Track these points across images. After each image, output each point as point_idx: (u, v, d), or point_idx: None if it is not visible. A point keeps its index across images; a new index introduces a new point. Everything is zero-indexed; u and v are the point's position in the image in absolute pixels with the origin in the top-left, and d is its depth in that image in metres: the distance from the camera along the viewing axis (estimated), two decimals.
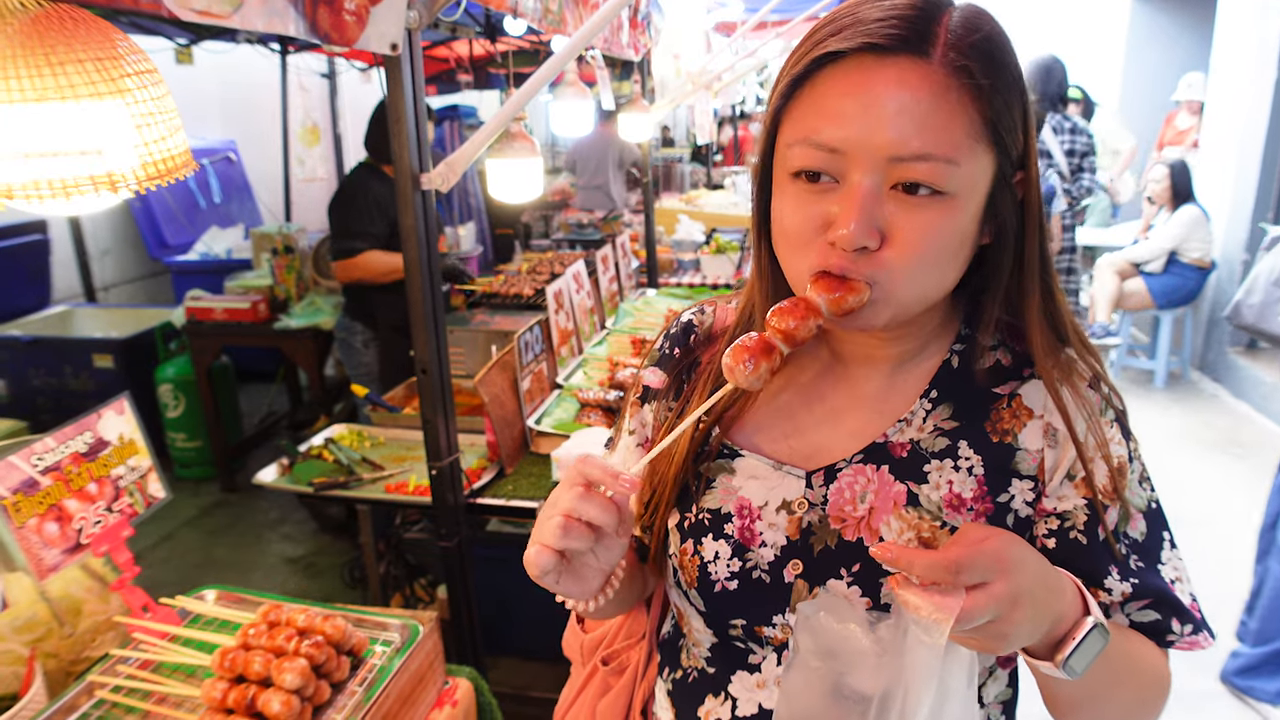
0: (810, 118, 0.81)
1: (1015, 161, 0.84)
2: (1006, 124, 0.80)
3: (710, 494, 0.98)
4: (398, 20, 1.80)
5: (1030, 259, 0.88)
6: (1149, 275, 5.92)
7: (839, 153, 0.79)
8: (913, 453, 0.91)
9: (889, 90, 0.77)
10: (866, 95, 0.78)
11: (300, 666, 1.34)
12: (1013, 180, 0.84)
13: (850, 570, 0.89)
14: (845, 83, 0.79)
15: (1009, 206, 0.85)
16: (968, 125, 0.78)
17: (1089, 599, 0.78)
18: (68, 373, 4.82)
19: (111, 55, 1.05)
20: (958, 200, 0.79)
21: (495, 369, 2.62)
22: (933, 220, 0.79)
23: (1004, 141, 0.81)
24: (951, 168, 0.78)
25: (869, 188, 0.78)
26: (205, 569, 4.05)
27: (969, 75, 0.78)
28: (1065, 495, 0.89)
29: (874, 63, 0.78)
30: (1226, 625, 3.06)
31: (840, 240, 0.79)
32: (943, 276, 0.84)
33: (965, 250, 0.84)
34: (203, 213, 6.39)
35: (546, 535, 0.80)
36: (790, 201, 0.84)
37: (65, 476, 1.49)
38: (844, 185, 0.80)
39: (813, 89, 0.81)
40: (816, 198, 0.82)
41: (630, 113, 3.97)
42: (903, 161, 0.77)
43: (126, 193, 1.06)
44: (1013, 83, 0.81)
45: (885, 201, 0.79)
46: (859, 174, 0.79)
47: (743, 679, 0.97)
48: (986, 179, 0.82)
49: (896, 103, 0.77)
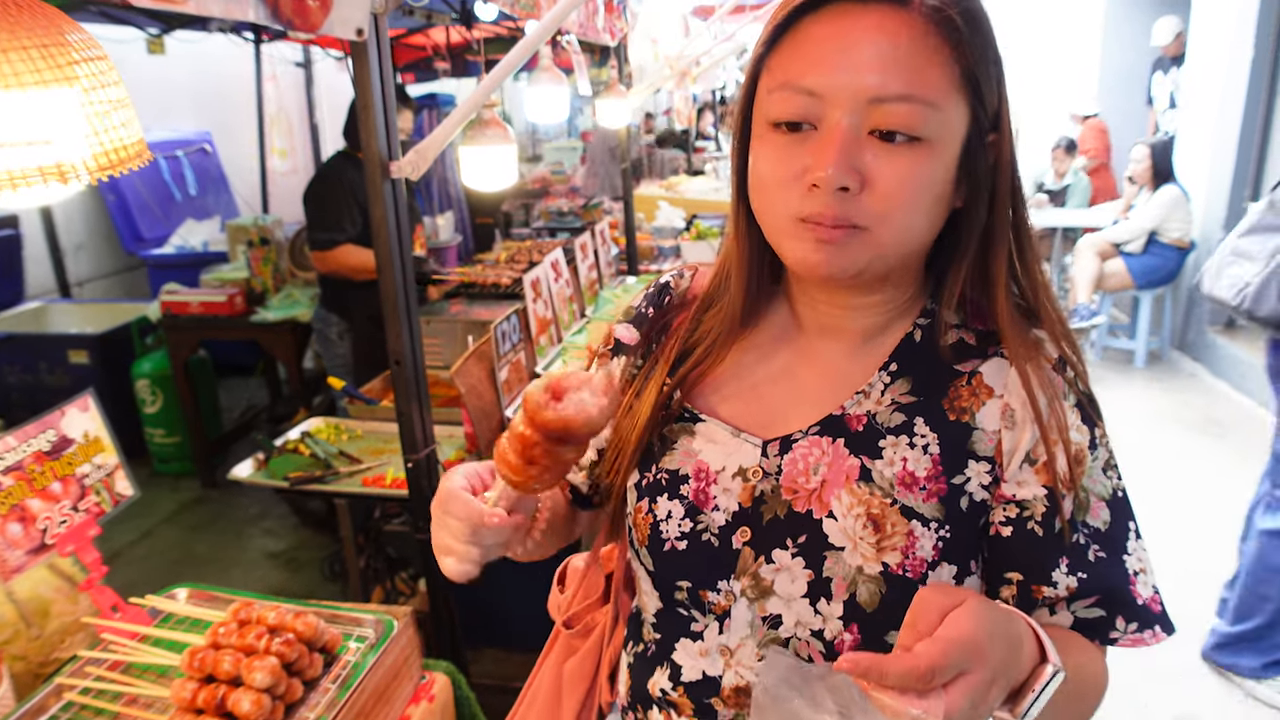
0: (791, 63, 0.82)
1: (989, 120, 0.84)
2: (984, 75, 0.82)
3: (670, 455, 0.98)
4: (363, 5, 1.76)
5: (999, 227, 0.88)
6: (1129, 255, 5.94)
7: (818, 96, 0.80)
8: (869, 426, 0.90)
9: (869, 34, 0.78)
10: (847, 39, 0.79)
11: (270, 665, 1.32)
12: (986, 140, 0.85)
13: (796, 541, 0.89)
14: (826, 28, 0.80)
15: (982, 166, 0.85)
16: (946, 71, 0.80)
17: (1045, 642, 0.75)
18: (43, 369, 4.76)
19: (58, 42, 1.02)
20: (935, 147, 0.80)
21: (472, 359, 2.59)
22: (911, 165, 0.79)
23: (980, 93, 0.82)
24: (930, 110, 0.79)
25: (848, 129, 0.79)
26: (185, 565, 4.02)
27: (948, 23, 0.79)
28: (1025, 481, 0.87)
29: (854, 9, 0.79)
30: (1207, 604, 3.08)
31: (821, 181, 0.79)
32: (920, 225, 0.84)
33: (942, 203, 0.85)
34: (178, 205, 6.32)
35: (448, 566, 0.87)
36: (769, 150, 0.85)
37: (28, 476, 1.46)
38: (822, 128, 0.81)
39: (794, 36, 0.83)
40: (795, 146, 0.82)
41: (607, 99, 3.93)
42: (883, 103, 0.78)
43: (77, 184, 1.03)
44: (988, 39, 0.82)
45: (863, 147, 0.80)
46: (838, 115, 0.79)
47: (685, 646, 0.96)
48: (962, 129, 0.83)
49: (876, 46, 0.78)
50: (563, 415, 0.79)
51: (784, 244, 0.86)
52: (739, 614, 0.91)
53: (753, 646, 0.91)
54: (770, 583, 0.89)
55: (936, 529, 0.86)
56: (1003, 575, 0.89)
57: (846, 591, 0.86)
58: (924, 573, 0.85)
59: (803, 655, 0.88)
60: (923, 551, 0.85)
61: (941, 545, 0.86)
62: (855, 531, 0.87)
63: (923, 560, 0.85)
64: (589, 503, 1.14)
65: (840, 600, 0.86)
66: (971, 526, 0.88)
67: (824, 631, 0.87)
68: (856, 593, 0.86)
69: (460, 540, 0.85)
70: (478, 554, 0.86)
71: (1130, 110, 7.99)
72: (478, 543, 0.85)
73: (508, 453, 0.82)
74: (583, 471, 1.10)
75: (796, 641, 0.88)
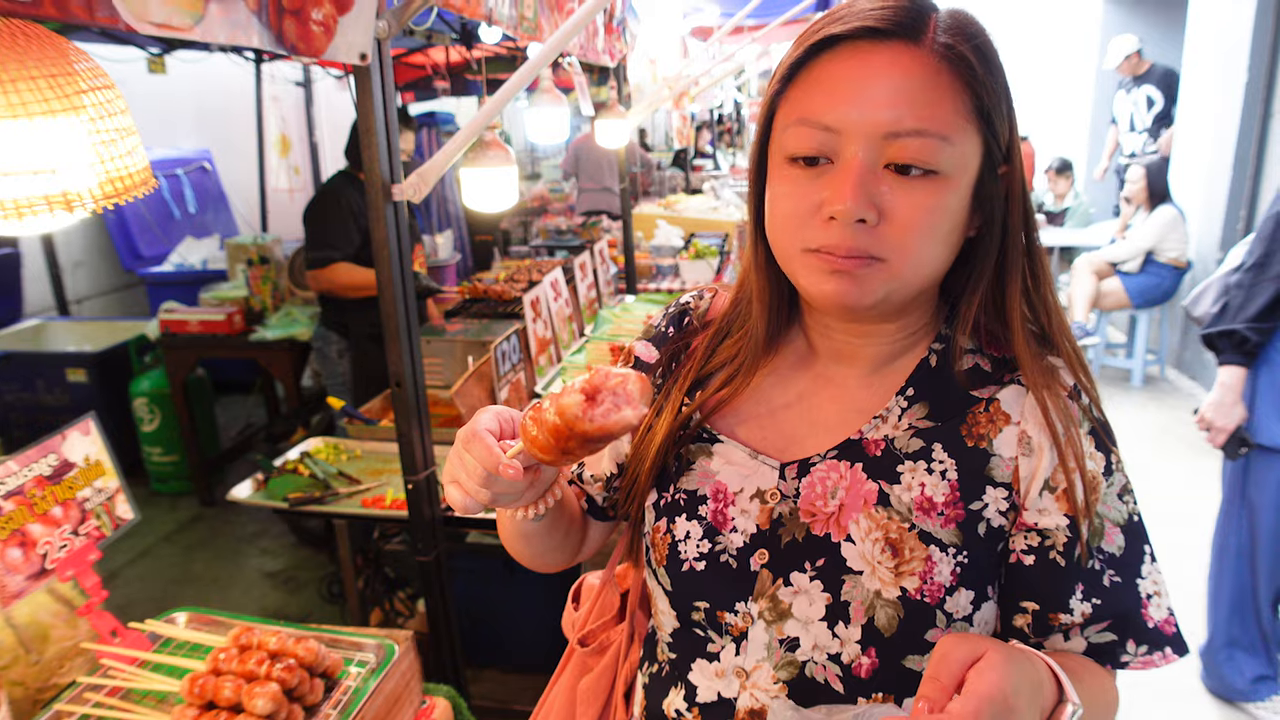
0: (807, 99, 0.84)
1: (1001, 152, 0.86)
2: (995, 109, 0.83)
3: (688, 475, 0.99)
4: (366, 30, 1.78)
5: (1013, 255, 0.90)
6: (1126, 275, 5.96)
7: (834, 131, 0.82)
8: (887, 452, 0.91)
9: (884, 71, 0.81)
10: (862, 76, 0.81)
11: (272, 691, 1.31)
12: (998, 171, 0.86)
13: (814, 564, 0.89)
14: (842, 65, 0.82)
15: (995, 196, 0.87)
16: (958, 105, 0.81)
17: (1063, 681, 0.75)
18: (41, 388, 4.75)
19: (66, 72, 1.02)
20: (949, 180, 0.82)
21: (472, 380, 2.60)
22: (926, 198, 0.81)
23: (993, 126, 0.84)
24: (944, 144, 0.80)
25: (864, 163, 0.81)
26: (183, 585, 4.00)
27: (960, 59, 0.81)
28: (1046, 509, 0.87)
29: (869, 47, 0.82)
30: (1203, 624, 3.08)
31: (839, 213, 0.80)
32: (936, 256, 0.85)
33: (956, 234, 0.86)
34: (177, 223, 6.33)
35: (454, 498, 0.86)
36: (785, 185, 0.86)
37: (29, 500, 1.46)
38: (839, 163, 0.82)
39: (810, 73, 0.85)
40: (811, 181, 0.84)
41: (607, 118, 3.95)
42: (898, 138, 0.80)
43: (83, 212, 1.04)
44: (998, 73, 0.84)
45: (879, 180, 0.81)
46: (854, 149, 0.81)
47: (701, 667, 0.96)
48: (975, 161, 0.84)
49: (891, 82, 0.80)
50: (603, 425, 0.79)
51: (799, 276, 0.87)
52: (756, 636, 0.92)
53: (769, 669, 0.91)
54: (788, 605, 0.90)
55: (954, 554, 0.87)
56: (1019, 603, 0.89)
57: (865, 615, 0.86)
58: (942, 598, 0.86)
59: (819, 679, 0.89)
60: (940, 577, 0.86)
61: (959, 571, 0.86)
62: (873, 556, 0.87)
63: (940, 585, 0.86)
64: (603, 514, 1.14)
65: (858, 624, 0.87)
66: (989, 552, 0.88)
67: (842, 655, 0.87)
68: (875, 617, 0.86)
69: (473, 480, 0.84)
70: (486, 497, 0.85)
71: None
72: (489, 486, 0.84)
73: (539, 436, 0.80)
74: (599, 484, 1.10)
75: (814, 665, 0.89)
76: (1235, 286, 2.62)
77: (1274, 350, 2.61)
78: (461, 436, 0.86)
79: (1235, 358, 2.63)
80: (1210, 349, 2.74)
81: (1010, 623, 0.90)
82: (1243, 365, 2.63)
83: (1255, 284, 2.57)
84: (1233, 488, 2.84)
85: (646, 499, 1.02)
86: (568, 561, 1.14)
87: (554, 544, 1.07)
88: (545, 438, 0.79)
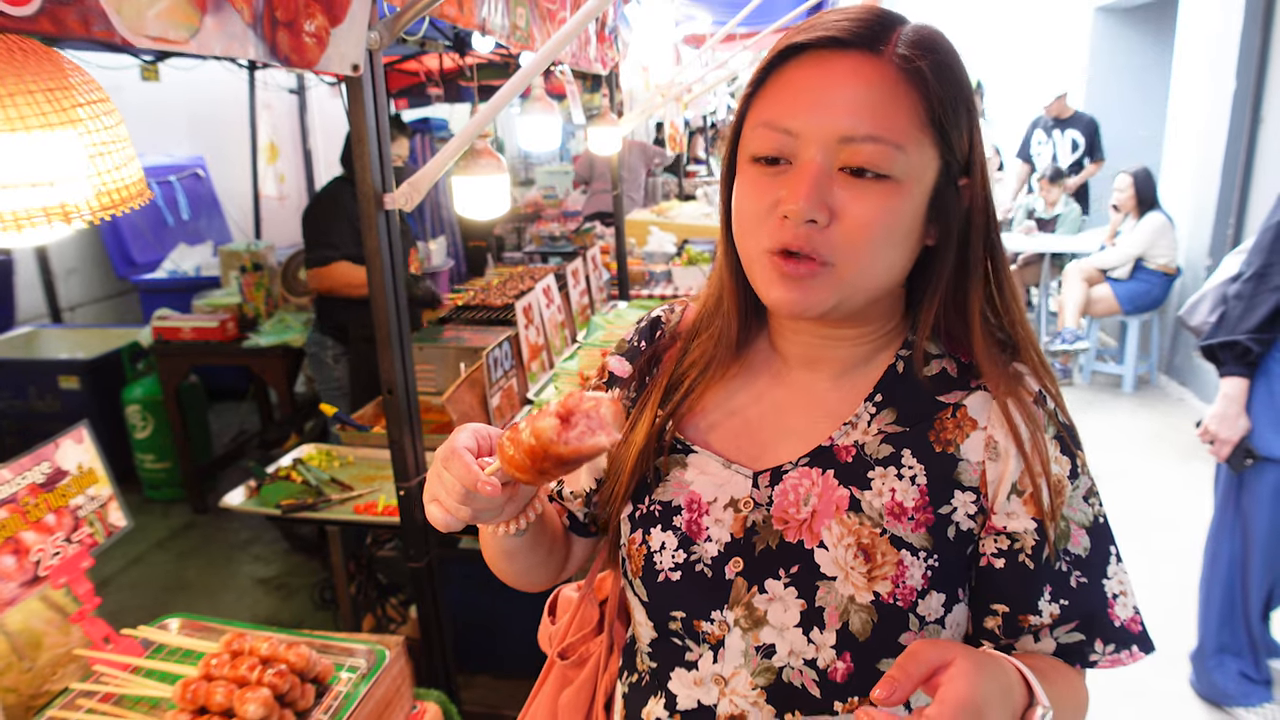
0: (773, 103, 0.88)
1: (960, 164, 0.88)
2: (951, 122, 0.86)
3: (663, 486, 1.00)
4: (358, 41, 1.79)
5: (974, 264, 0.92)
6: (1116, 281, 6.00)
7: (794, 135, 0.85)
8: (857, 458, 0.93)
9: (843, 79, 0.84)
10: (823, 83, 0.85)
11: (263, 696, 1.32)
12: (959, 183, 0.89)
13: (789, 571, 0.91)
14: (805, 73, 0.86)
15: (954, 207, 0.89)
16: (914, 116, 0.84)
17: (1032, 683, 0.77)
18: (33, 395, 4.74)
19: (62, 85, 1.04)
20: (902, 186, 0.84)
21: (464, 386, 2.61)
22: (878, 201, 0.84)
23: (948, 139, 0.86)
24: (897, 152, 0.83)
25: (819, 165, 0.84)
26: (175, 592, 4.00)
27: (917, 72, 0.84)
28: (1014, 513, 0.89)
29: (832, 55, 0.85)
30: (1194, 629, 3.10)
31: (791, 213, 0.84)
32: (887, 261, 0.88)
33: (910, 241, 0.88)
34: (170, 230, 6.32)
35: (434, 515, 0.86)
36: (747, 184, 0.90)
37: (22, 508, 1.47)
38: (796, 165, 0.85)
39: (777, 78, 0.88)
40: (771, 180, 0.87)
41: (599, 126, 3.97)
42: (852, 142, 0.83)
43: (80, 224, 1.05)
44: (959, 88, 0.87)
45: (834, 183, 0.84)
46: (811, 152, 0.84)
47: (680, 676, 0.97)
48: (931, 172, 0.87)
49: (849, 90, 0.84)
50: (577, 448, 0.81)
51: (756, 277, 0.90)
52: (733, 643, 0.93)
53: (747, 675, 0.92)
54: (763, 612, 0.91)
55: (925, 558, 0.88)
56: (989, 605, 0.91)
57: (839, 620, 0.88)
58: (914, 601, 0.87)
59: (796, 684, 0.90)
60: (912, 580, 0.88)
61: (930, 574, 0.88)
62: (846, 561, 0.89)
63: (913, 589, 0.88)
64: (585, 530, 1.15)
65: (833, 629, 0.88)
66: (959, 555, 0.90)
67: (817, 660, 0.89)
68: (849, 622, 0.88)
69: (452, 497, 0.85)
70: (467, 514, 0.86)
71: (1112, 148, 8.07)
72: (468, 504, 0.85)
73: (515, 455, 0.82)
74: (579, 499, 1.12)
75: (790, 670, 0.90)
76: (1234, 297, 2.62)
77: (1272, 361, 2.61)
78: (440, 455, 0.87)
79: (1238, 369, 2.63)
80: (1210, 360, 2.75)
81: (981, 624, 0.92)
82: (1245, 376, 2.63)
83: (1256, 294, 2.57)
84: (1226, 496, 2.86)
85: (622, 511, 1.03)
86: (552, 579, 1.15)
87: (537, 560, 1.08)
88: (521, 458, 0.81)
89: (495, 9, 2.54)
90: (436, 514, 0.87)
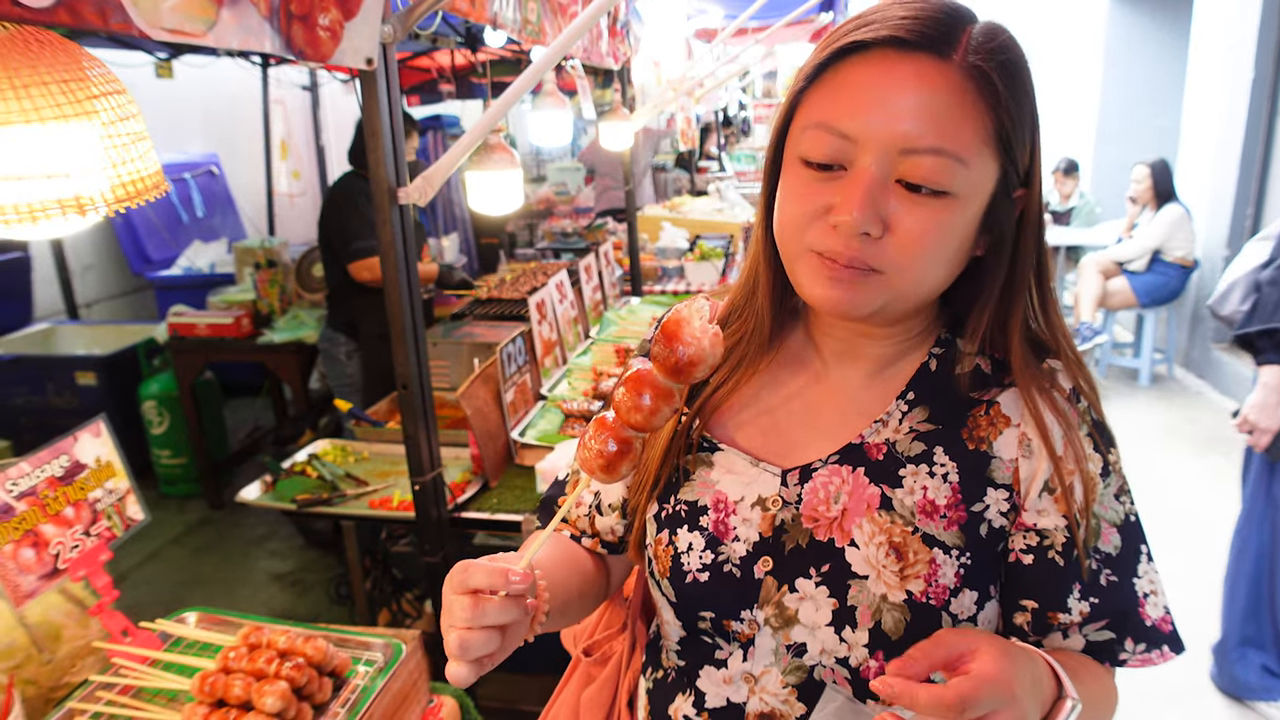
0: (828, 103, 0.83)
1: (1020, 177, 0.85)
2: (1017, 136, 0.82)
3: (689, 486, 0.99)
4: (372, 35, 1.79)
5: (1022, 274, 0.89)
6: (1132, 274, 5.96)
7: (851, 140, 0.81)
8: (888, 455, 0.91)
9: (908, 84, 0.79)
10: (886, 86, 0.80)
11: (281, 689, 1.32)
12: (1014, 194, 0.86)
13: (820, 570, 0.90)
14: (867, 73, 0.81)
15: (1007, 220, 0.86)
16: (979, 129, 0.80)
17: (1062, 677, 0.77)
18: (50, 391, 4.78)
19: (78, 77, 1.04)
20: (959, 201, 0.81)
21: (478, 381, 2.61)
22: (934, 216, 0.80)
23: (1012, 152, 0.83)
24: (959, 165, 0.79)
25: (876, 175, 0.80)
26: (191, 587, 4.02)
27: (986, 81, 0.80)
28: (1045, 510, 0.88)
29: (896, 57, 0.80)
30: (1215, 623, 3.07)
31: (843, 225, 0.80)
32: (938, 274, 0.85)
33: (961, 254, 0.86)
34: (185, 227, 6.36)
35: (453, 650, 0.79)
36: (796, 184, 0.86)
37: (41, 501, 1.48)
38: (851, 172, 0.81)
39: (834, 76, 0.83)
40: (821, 185, 0.83)
41: (611, 121, 3.96)
42: (914, 154, 0.79)
43: (95, 216, 1.05)
44: (1027, 99, 0.83)
45: (889, 194, 0.80)
46: (868, 160, 0.80)
47: (709, 674, 0.97)
48: (989, 186, 0.83)
49: (914, 96, 0.79)
50: (689, 355, 0.82)
51: (799, 274, 0.88)
52: (763, 642, 0.92)
53: (777, 674, 0.91)
54: (794, 611, 0.90)
55: (958, 556, 0.87)
56: (1019, 602, 0.90)
57: (872, 620, 0.87)
58: (947, 599, 0.86)
59: (828, 682, 0.89)
60: (945, 579, 0.87)
61: (963, 572, 0.87)
62: (878, 560, 0.88)
63: (945, 587, 0.87)
64: (621, 546, 1.13)
65: (865, 628, 0.87)
66: (991, 552, 0.89)
67: (850, 659, 0.87)
68: (882, 620, 0.86)
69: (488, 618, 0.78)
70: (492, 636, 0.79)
71: (1129, 138, 8.01)
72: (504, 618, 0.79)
73: (621, 409, 0.84)
74: (615, 512, 1.10)
75: (822, 669, 0.89)
76: (1269, 284, 2.57)
77: None
78: (452, 583, 0.81)
79: (1276, 356, 2.59)
80: (1246, 349, 2.70)
81: (1011, 621, 0.91)
82: None
83: None
84: (1257, 487, 2.81)
85: (648, 511, 1.02)
86: (598, 606, 1.15)
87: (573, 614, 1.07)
88: (633, 399, 0.83)
89: (507, 3, 2.53)
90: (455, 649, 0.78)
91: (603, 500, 1.11)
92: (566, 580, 1.04)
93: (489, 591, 0.79)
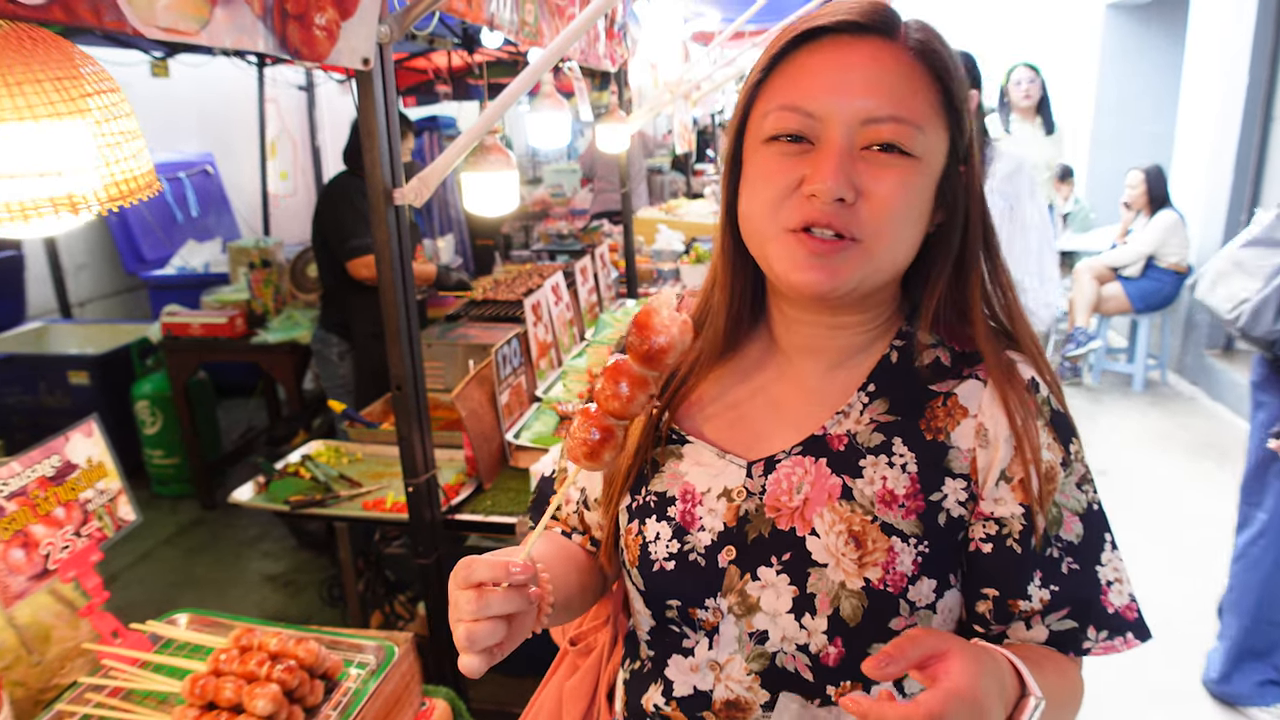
0: (790, 88, 0.89)
1: (963, 151, 0.91)
2: (961, 108, 0.90)
3: (658, 478, 1.02)
4: (369, 35, 1.78)
5: (973, 247, 0.94)
6: (1126, 280, 5.96)
7: (816, 118, 0.86)
8: (849, 446, 0.94)
9: (862, 63, 0.87)
10: (844, 67, 0.87)
11: (272, 692, 1.32)
12: (960, 169, 0.92)
13: (781, 559, 0.92)
14: (824, 57, 0.88)
15: (958, 191, 0.92)
16: (930, 98, 0.88)
17: (1024, 675, 0.77)
18: (43, 390, 4.76)
19: (72, 75, 1.03)
20: (920, 163, 0.87)
21: (473, 383, 2.60)
22: (901, 178, 0.86)
23: (959, 123, 0.90)
24: (917, 131, 0.86)
25: (844, 145, 0.85)
26: (183, 588, 4.01)
27: (933, 57, 0.88)
28: (1002, 499, 0.90)
29: (850, 40, 0.88)
30: (1208, 628, 3.07)
31: (820, 191, 0.84)
32: (909, 239, 0.90)
33: (924, 220, 0.91)
34: (180, 226, 6.34)
35: (461, 642, 0.80)
36: (765, 164, 0.90)
37: (31, 501, 1.47)
38: (820, 145, 0.86)
39: (790, 65, 0.90)
40: (793, 159, 0.87)
41: (608, 123, 3.96)
42: (875, 123, 0.85)
43: (88, 214, 1.05)
44: (962, 79, 0.91)
45: (857, 162, 0.86)
46: (834, 133, 0.86)
47: (677, 663, 0.99)
48: (941, 154, 0.90)
49: (869, 73, 0.86)
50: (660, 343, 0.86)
51: (773, 259, 0.89)
52: (727, 630, 0.94)
53: (741, 661, 0.94)
54: (756, 599, 0.92)
55: (915, 544, 0.89)
56: (980, 590, 0.92)
57: (830, 606, 0.89)
58: (904, 587, 0.88)
59: (789, 669, 0.91)
60: (903, 567, 0.88)
61: (921, 560, 0.89)
62: (837, 548, 0.90)
63: (903, 575, 0.88)
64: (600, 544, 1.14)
65: (824, 615, 0.89)
66: (949, 541, 0.91)
67: (809, 645, 0.90)
68: (840, 607, 0.89)
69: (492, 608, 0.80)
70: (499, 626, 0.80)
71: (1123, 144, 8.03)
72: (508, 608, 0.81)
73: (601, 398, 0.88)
74: (601, 507, 1.11)
75: (783, 655, 0.91)
76: None
77: None
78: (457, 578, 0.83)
79: None
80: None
81: (973, 609, 0.93)
82: None
83: None
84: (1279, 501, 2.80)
85: (621, 503, 1.04)
86: (600, 595, 1.16)
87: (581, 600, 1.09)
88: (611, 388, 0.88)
89: (504, 4, 2.53)
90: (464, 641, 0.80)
91: (589, 496, 1.13)
92: (567, 575, 1.05)
93: (492, 584, 0.81)
